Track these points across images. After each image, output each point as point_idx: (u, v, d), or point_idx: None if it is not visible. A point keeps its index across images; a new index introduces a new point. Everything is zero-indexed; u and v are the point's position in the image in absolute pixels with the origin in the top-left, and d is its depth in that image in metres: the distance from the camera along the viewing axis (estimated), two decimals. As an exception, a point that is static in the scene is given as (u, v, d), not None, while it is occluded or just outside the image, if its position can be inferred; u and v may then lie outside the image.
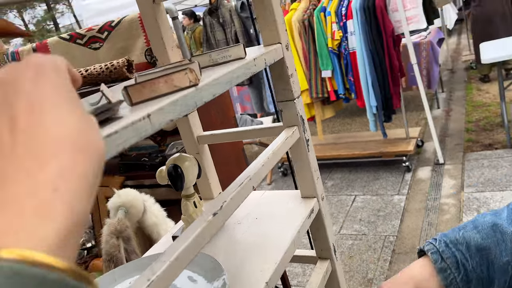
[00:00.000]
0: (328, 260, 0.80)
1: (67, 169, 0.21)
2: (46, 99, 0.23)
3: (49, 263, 0.19)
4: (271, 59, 0.66)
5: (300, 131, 0.74)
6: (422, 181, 2.99)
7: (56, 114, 0.23)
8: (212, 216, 0.50)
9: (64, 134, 0.23)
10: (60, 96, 0.24)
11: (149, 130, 0.41)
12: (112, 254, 0.79)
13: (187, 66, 0.49)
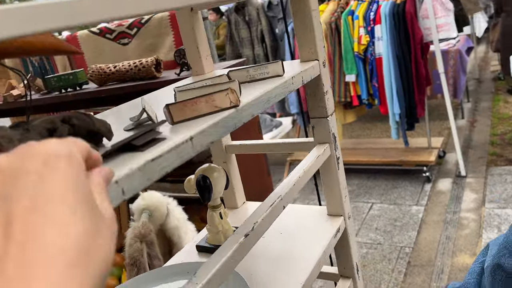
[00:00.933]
0: (351, 279, 0.80)
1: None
2: (50, 199, 0.21)
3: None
4: (308, 77, 0.65)
5: (332, 149, 0.73)
6: (442, 193, 2.93)
7: (58, 219, 0.20)
8: (244, 237, 0.50)
9: (62, 246, 0.20)
10: (68, 195, 0.21)
11: (190, 153, 0.41)
12: (136, 258, 0.80)
13: (228, 86, 0.49)
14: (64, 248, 0.20)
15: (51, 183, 0.21)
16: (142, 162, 0.36)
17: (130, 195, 0.35)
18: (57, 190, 0.21)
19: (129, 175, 0.35)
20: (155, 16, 1.67)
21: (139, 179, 0.36)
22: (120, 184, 0.34)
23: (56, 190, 0.21)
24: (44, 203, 0.20)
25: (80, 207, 0.21)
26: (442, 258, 2.29)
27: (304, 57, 0.69)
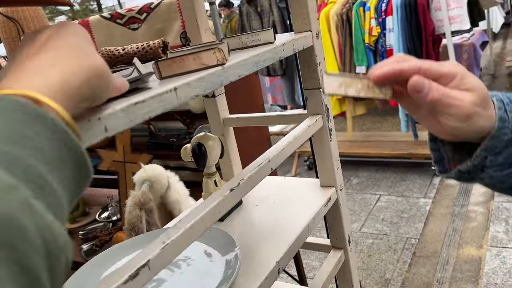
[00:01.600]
0: (342, 250, 0.81)
1: (62, 57, 0.30)
2: (60, 36, 0.32)
3: (46, 102, 0.26)
4: (300, 46, 0.67)
5: (324, 120, 0.75)
6: (450, 186, 2.91)
7: (65, 36, 0.32)
8: (229, 191, 0.52)
9: (66, 44, 0.31)
10: (72, 36, 0.33)
11: (174, 102, 0.44)
12: (134, 224, 0.83)
13: (216, 46, 0.51)
14: (69, 45, 0.32)
15: (63, 31, 0.33)
16: (125, 104, 0.39)
17: (113, 133, 0.38)
18: (65, 32, 0.33)
19: (111, 114, 0.37)
20: (164, 1, 1.70)
21: (122, 119, 0.38)
22: (103, 121, 0.36)
23: (65, 32, 0.33)
24: (56, 36, 0.32)
25: (80, 42, 0.33)
26: (448, 249, 2.28)
27: (297, 28, 0.70)
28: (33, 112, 0.24)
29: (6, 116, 0.23)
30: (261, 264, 0.61)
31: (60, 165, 0.25)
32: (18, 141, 0.23)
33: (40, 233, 0.21)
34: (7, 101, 0.24)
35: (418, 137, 3.17)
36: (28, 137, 0.23)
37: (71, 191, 0.26)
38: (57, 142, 0.25)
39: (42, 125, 0.24)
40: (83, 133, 0.35)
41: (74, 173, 0.27)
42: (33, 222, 0.21)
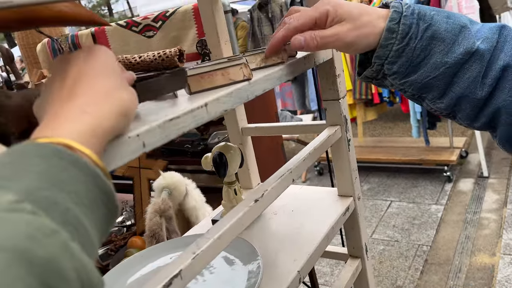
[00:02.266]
0: (359, 259, 0.82)
1: (92, 103, 0.31)
2: (89, 76, 0.33)
3: (79, 148, 0.28)
4: (320, 59, 0.68)
5: (343, 131, 0.76)
6: (462, 193, 2.89)
7: (95, 78, 0.33)
8: (253, 202, 0.53)
9: (96, 88, 0.32)
10: (101, 68, 0.34)
11: (205, 117, 0.45)
12: (155, 231, 0.85)
13: (242, 61, 0.53)
14: (98, 88, 0.33)
15: (91, 63, 0.34)
16: (161, 120, 0.40)
17: (150, 148, 0.39)
18: (95, 66, 0.34)
19: (149, 131, 0.39)
20: (179, 9, 1.73)
21: (158, 135, 0.40)
22: (141, 137, 0.38)
23: (94, 66, 0.34)
24: (86, 71, 0.34)
25: (109, 75, 0.34)
26: (460, 257, 2.27)
27: (317, 41, 0.72)
28: (69, 158, 0.26)
29: (45, 162, 0.25)
30: (282, 273, 0.62)
31: (93, 207, 0.27)
32: (57, 184, 0.25)
33: (78, 275, 0.23)
34: (46, 148, 0.26)
35: (430, 143, 3.16)
36: (65, 181, 0.25)
37: (101, 230, 0.28)
38: (90, 185, 0.27)
39: (76, 169, 0.26)
40: (123, 149, 0.37)
41: (104, 212, 0.28)
42: (72, 265, 0.22)
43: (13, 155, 0.26)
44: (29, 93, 0.41)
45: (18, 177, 0.24)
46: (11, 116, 0.39)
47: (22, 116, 0.40)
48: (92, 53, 0.35)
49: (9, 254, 0.20)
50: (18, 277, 0.19)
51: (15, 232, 0.21)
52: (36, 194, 0.24)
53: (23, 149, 0.26)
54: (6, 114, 0.39)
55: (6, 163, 0.25)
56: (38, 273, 0.20)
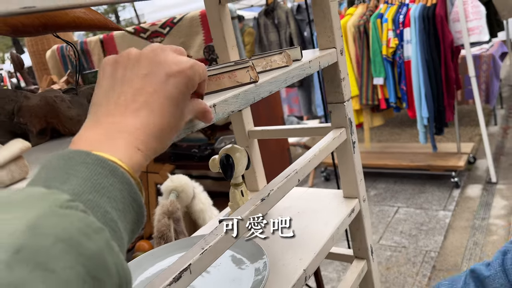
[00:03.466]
0: (365, 260, 0.83)
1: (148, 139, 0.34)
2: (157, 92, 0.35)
3: (120, 164, 0.30)
4: (325, 63, 0.70)
5: (348, 133, 0.77)
6: (470, 199, 2.87)
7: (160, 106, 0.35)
8: (260, 201, 0.55)
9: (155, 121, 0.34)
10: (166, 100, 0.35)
11: (213, 118, 0.47)
12: (163, 232, 0.86)
13: (248, 64, 0.55)
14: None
15: (166, 89, 0.35)
16: (171, 120, 0.42)
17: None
18: (168, 95, 0.35)
19: (160, 129, 0.41)
20: (187, 15, 1.76)
21: (168, 134, 0.42)
22: (153, 135, 0.40)
23: (168, 95, 0.35)
24: (159, 98, 0.35)
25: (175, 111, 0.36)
26: (468, 263, 2.25)
27: (322, 45, 0.74)
28: (109, 167, 0.29)
29: (89, 170, 0.28)
30: (288, 272, 0.63)
31: (126, 212, 0.30)
32: (98, 190, 0.28)
33: (117, 269, 0.25)
34: (90, 157, 0.29)
35: (437, 149, 3.14)
36: (105, 187, 0.28)
37: (130, 234, 0.31)
38: (125, 193, 0.30)
39: (115, 178, 0.29)
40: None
41: (134, 218, 0.31)
42: (113, 260, 0.25)
43: (61, 160, 0.29)
44: (47, 94, 0.43)
45: (67, 181, 0.27)
46: (30, 116, 0.41)
47: (40, 116, 0.42)
48: (167, 79, 0.35)
49: (64, 244, 0.22)
50: (70, 264, 0.22)
51: (70, 226, 0.23)
52: (82, 196, 0.27)
53: (70, 155, 0.29)
54: (25, 114, 0.41)
55: (55, 167, 0.28)
56: (87, 264, 0.23)
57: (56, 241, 0.22)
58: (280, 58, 0.62)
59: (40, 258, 0.21)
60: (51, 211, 0.23)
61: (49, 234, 0.22)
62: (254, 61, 0.64)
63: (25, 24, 0.41)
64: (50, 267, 0.21)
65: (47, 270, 0.21)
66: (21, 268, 0.20)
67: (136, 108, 0.33)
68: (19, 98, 0.42)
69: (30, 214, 0.22)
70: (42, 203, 0.24)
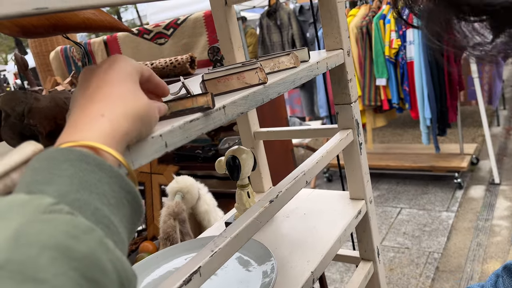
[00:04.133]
0: (371, 262, 0.83)
1: (110, 107, 0.33)
2: (107, 83, 0.35)
3: (103, 148, 0.30)
4: (332, 64, 0.69)
5: (354, 134, 0.77)
6: (473, 200, 2.86)
7: (111, 86, 0.35)
8: (269, 203, 0.55)
9: (112, 94, 0.34)
10: (119, 77, 0.36)
11: (223, 119, 0.47)
12: (169, 234, 0.86)
13: (257, 66, 0.54)
14: (114, 95, 0.34)
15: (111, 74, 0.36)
16: (182, 122, 0.42)
17: (172, 148, 0.41)
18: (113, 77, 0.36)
19: (171, 131, 0.40)
20: (190, 16, 1.76)
21: (179, 136, 0.41)
22: (164, 137, 0.40)
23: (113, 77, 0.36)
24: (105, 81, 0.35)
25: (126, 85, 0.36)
26: (472, 264, 2.24)
27: (329, 46, 0.73)
28: (94, 162, 0.28)
29: (73, 167, 0.27)
30: (296, 274, 0.63)
31: (119, 205, 0.29)
32: (86, 187, 0.27)
33: (114, 267, 0.24)
34: (73, 153, 0.28)
35: (440, 150, 3.14)
36: (92, 184, 0.27)
37: (128, 228, 0.30)
38: (115, 186, 0.29)
39: (102, 172, 0.28)
40: (147, 149, 0.38)
41: (130, 211, 0.30)
42: (108, 258, 0.24)
43: (43, 161, 0.28)
44: (56, 96, 0.43)
45: (51, 182, 0.26)
46: (40, 117, 0.41)
47: (50, 117, 0.42)
48: (112, 64, 0.37)
49: (52, 252, 0.21)
50: (61, 272, 0.21)
51: (56, 231, 0.22)
52: (69, 196, 0.26)
53: (52, 155, 0.28)
54: (35, 116, 0.41)
55: (38, 169, 0.27)
56: (79, 267, 0.22)
57: (43, 249, 0.21)
58: (288, 59, 0.62)
59: (28, 270, 0.20)
60: (34, 218, 0.22)
61: (34, 243, 0.21)
62: (262, 62, 0.64)
63: (35, 25, 0.41)
64: (40, 278, 0.20)
65: (36, 281, 0.20)
66: (8, 284, 0.19)
67: (94, 90, 0.35)
68: (29, 99, 0.42)
69: (12, 225, 0.22)
70: (23, 210, 0.23)
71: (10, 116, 0.44)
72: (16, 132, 0.44)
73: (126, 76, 0.37)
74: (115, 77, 0.36)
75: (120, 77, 0.36)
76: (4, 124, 0.44)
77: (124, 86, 0.36)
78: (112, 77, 0.36)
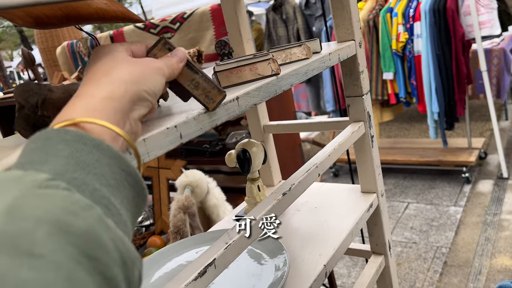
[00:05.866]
0: (382, 256, 0.82)
1: (96, 81, 0.32)
2: (99, 65, 0.35)
3: (96, 122, 0.29)
4: (344, 55, 0.68)
5: (366, 127, 0.76)
6: (482, 194, 2.84)
7: (101, 67, 0.34)
8: (282, 195, 0.54)
9: (100, 70, 0.34)
10: (118, 62, 0.35)
11: (236, 111, 0.46)
12: (179, 227, 0.86)
13: (269, 57, 0.54)
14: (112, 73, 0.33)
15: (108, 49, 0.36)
16: (196, 113, 0.41)
17: (186, 139, 0.40)
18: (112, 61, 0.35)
19: (186, 122, 0.40)
20: (197, 10, 1.75)
21: (194, 127, 0.41)
22: (179, 129, 0.39)
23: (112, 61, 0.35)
24: (110, 64, 0.34)
25: (124, 64, 0.35)
26: (480, 259, 2.23)
27: (341, 37, 0.72)
28: (92, 142, 0.27)
29: (70, 147, 0.26)
30: (308, 268, 0.62)
31: (119, 187, 0.28)
32: (83, 168, 0.26)
33: (116, 246, 0.23)
34: (69, 134, 0.27)
35: (447, 144, 3.11)
36: (90, 164, 0.26)
37: (131, 211, 0.29)
38: (114, 167, 0.28)
39: (100, 152, 0.27)
40: (162, 140, 0.38)
41: (132, 194, 0.29)
42: (109, 236, 0.23)
43: (39, 141, 0.27)
44: (69, 87, 0.42)
45: (46, 161, 0.25)
46: (54, 109, 0.41)
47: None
48: (98, 52, 0.37)
49: (49, 226, 0.20)
50: (59, 247, 0.20)
51: (53, 206, 0.21)
52: (66, 175, 0.25)
53: (47, 136, 0.27)
54: (49, 107, 0.40)
55: (33, 149, 0.26)
56: (78, 243, 0.21)
57: (39, 223, 0.20)
58: (300, 51, 0.61)
59: (23, 244, 0.19)
60: (29, 193, 0.22)
61: (30, 217, 0.20)
62: (273, 53, 0.63)
63: (48, 15, 0.41)
64: (36, 252, 0.19)
65: (32, 256, 0.19)
66: (2, 257, 0.18)
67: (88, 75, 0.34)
68: (43, 91, 0.41)
69: (5, 199, 0.21)
70: (18, 185, 0.22)
71: (24, 107, 0.43)
72: (30, 123, 0.44)
73: (115, 55, 0.36)
74: (106, 59, 0.35)
75: (110, 58, 0.35)
76: (18, 115, 0.44)
77: (112, 61, 0.35)
78: (103, 60, 0.35)
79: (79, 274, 0.20)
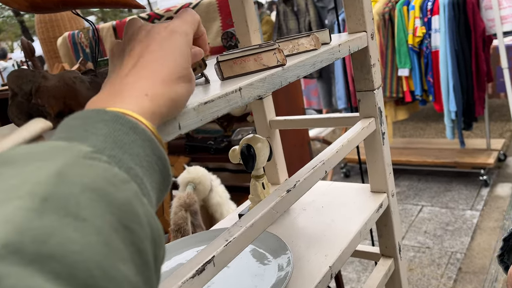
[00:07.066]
0: (392, 259, 0.78)
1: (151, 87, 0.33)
2: (158, 51, 0.35)
3: (141, 119, 0.30)
4: (355, 47, 0.65)
5: (377, 123, 0.72)
6: (500, 198, 2.75)
7: (161, 62, 0.34)
8: (286, 192, 0.51)
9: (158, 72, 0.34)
10: (170, 53, 0.35)
11: (239, 102, 0.44)
12: (180, 225, 0.84)
13: (275, 47, 0.51)
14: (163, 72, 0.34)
15: (169, 43, 0.35)
16: (196, 103, 0.39)
17: (185, 130, 0.38)
18: (171, 47, 0.35)
19: (185, 113, 0.38)
20: (203, 1, 1.71)
21: (194, 118, 0.39)
22: (178, 119, 0.37)
23: (171, 47, 0.35)
24: (161, 50, 0.35)
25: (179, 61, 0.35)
26: (496, 265, 2.15)
27: (352, 28, 0.69)
28: (129, 124, 0.28)
29: (108, 127, 0.27)
30: (313, 269, 0.59)
31: (150, 170, 0.28)
32: (120, 146, 0.27)
33: (149, 222, 0.24)
34: (108, 114, 0.28)
35: (465, 145, 3.03)
36: (127, 144, 0.27)
37: (157, 195, 0.30)
38: (148, 150, 0.29)
39: (136, 134, 0.28)
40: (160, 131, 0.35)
41: (159, 178, 0.30)
42: (144, 212, 0.24)
43: (78, 119, 0.28)
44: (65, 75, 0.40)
45: (86, 138, 0.26)
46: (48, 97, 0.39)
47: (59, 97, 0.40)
48: (170, 35, 0.36)
49: (93, 194, 0.22)
50: (100, 214, 0.21)
51: (96, 176, 0.23)
52: (105, 152, 0.26)
53: (87, 115, 0.28)
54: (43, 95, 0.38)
55: (72, 126, 0.27)
56: (117, 213, 0.22)
57: (84, 189, 0.21)
58: (308, 41, 0.58)
59: (70, 207, 0.20)
60: (76, 161, 0.23)
61: (77, 182, 0.22)
62: (280, 44, 0.60)
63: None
64: (81, 216, 0.20)
65: (78, 218, 0.20)
66: (51, 215, 0.19)
67: (140, 62, 0.34)
68: (37, 78, 0.39)
69: (55, 164, 0.22)
70: (66, 153, 0.23)
71: (17, 95, 0.41)
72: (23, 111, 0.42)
73: (179, 52, 0.36)
74: (167, 51, 0.35)
75: (172, 54, 0.35)
76: (11, 103, 0.42)
77: (174, 67, 0.35)
78: (165, 52, 0.35)
79: (116, 241, 0.21)
